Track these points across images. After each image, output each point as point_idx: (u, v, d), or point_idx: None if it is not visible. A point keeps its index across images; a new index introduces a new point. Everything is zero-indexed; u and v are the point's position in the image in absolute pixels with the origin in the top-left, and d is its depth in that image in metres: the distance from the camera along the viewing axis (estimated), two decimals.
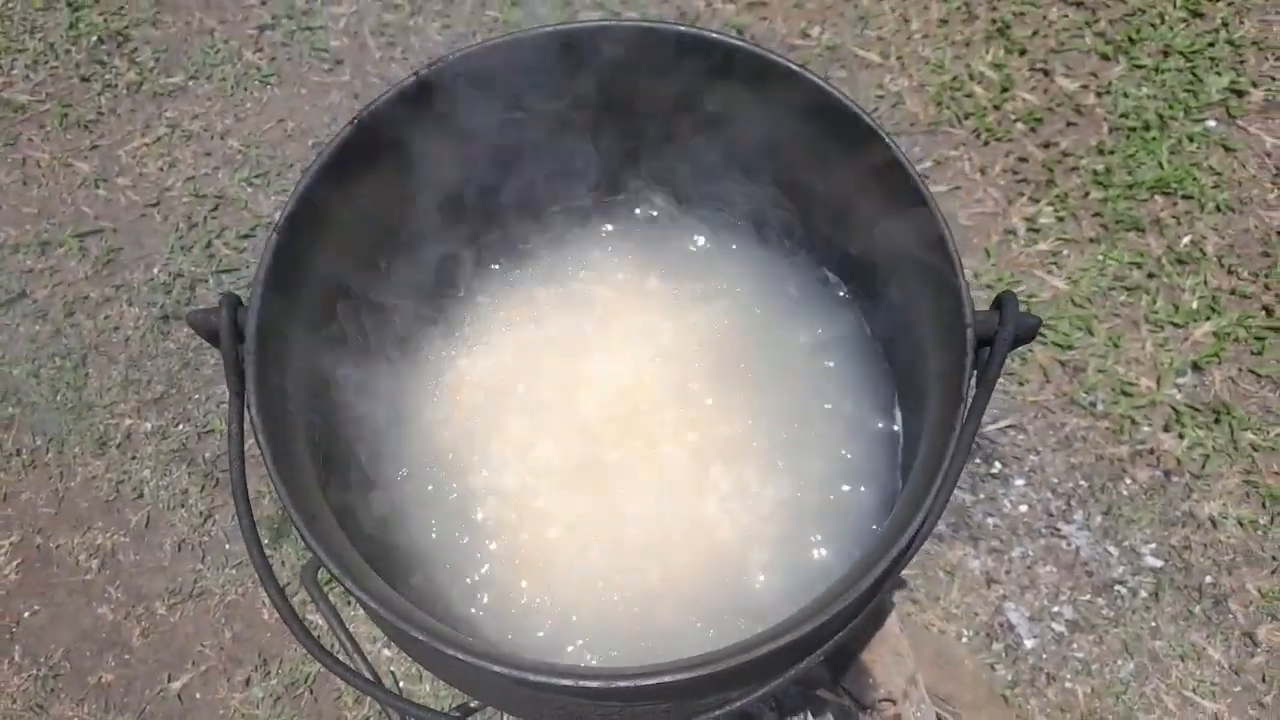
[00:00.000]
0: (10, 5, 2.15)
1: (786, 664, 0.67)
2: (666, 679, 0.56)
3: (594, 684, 0.56)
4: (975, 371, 0.67)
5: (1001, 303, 0.67)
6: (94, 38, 2.10)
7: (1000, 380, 1.68)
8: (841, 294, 0.85)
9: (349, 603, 1.49)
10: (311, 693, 1.54)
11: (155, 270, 1.85)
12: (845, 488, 0.79)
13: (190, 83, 2.03)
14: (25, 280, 1.86)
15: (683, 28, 0.75)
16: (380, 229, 0.76)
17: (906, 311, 0.74)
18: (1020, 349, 1.70)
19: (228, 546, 1.64)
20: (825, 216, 0.81)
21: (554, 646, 0.76)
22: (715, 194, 0.84)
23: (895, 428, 0.84)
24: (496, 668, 0.57)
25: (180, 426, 1.73)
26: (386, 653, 1.53)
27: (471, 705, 0.93)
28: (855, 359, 0.85)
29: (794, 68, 0.74)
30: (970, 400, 0.63)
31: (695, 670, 0.57)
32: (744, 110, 0.80)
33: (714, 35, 0.75)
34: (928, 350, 0.71)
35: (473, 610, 0.76)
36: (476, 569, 0.78)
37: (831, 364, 0.85)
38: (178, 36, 2.09)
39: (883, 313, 0.80)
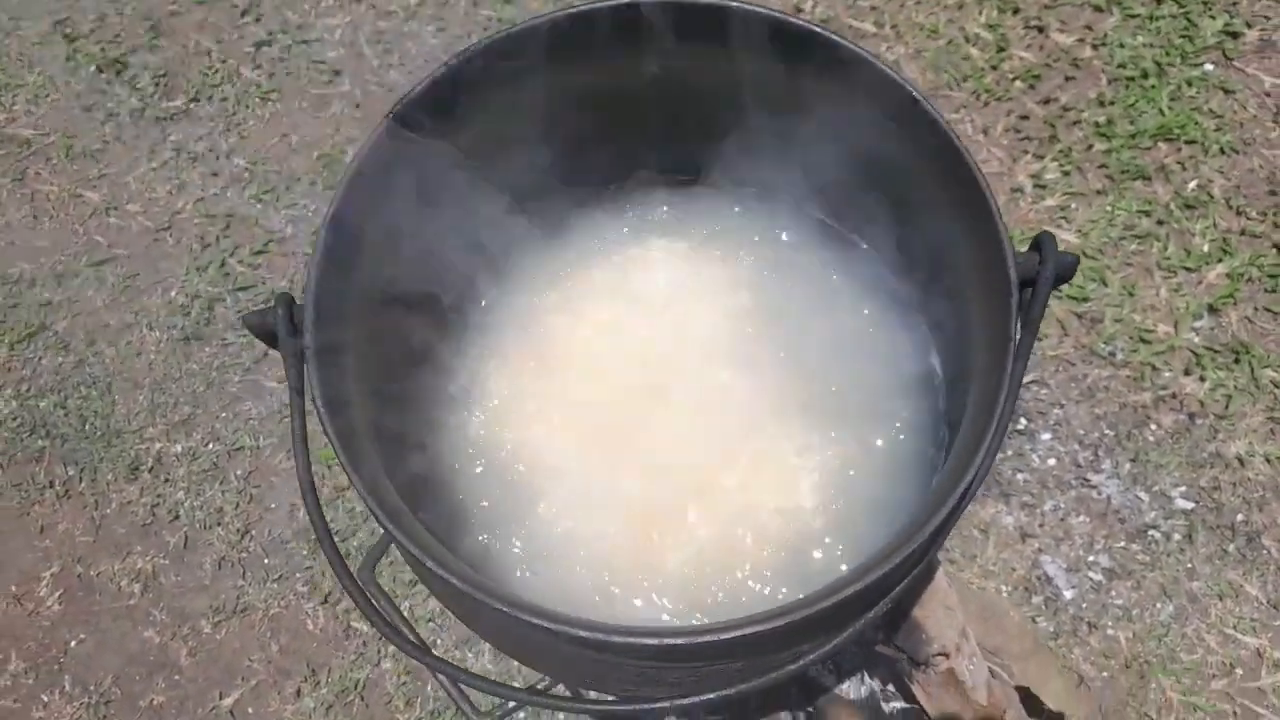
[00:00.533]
0: (7, 41, 2.16)
1: (857, 613, 0.68)
2: (748, 630, 0.57)
3: (679, 641, 0.57)
4: (1019, 313, 0.68)
5: (1040, 243, 0.69)
6: (92, 67, 2.11)
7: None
8: (875, 251, 0.86)
9: (407, 597, 1.51)
10: (363, 699, 1.55)
11: (173, 293, 1.86)
12: (894, 440, 0.81)
13: (192, 105, 2.04)
14: (44, 313, 1.88)
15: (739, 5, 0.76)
16: (426, 213, 0.78)
17: (944, 263, 0.75)
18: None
19: (267, 560, 1.66)
20: (861, 181, 0.82)
21: (615, 615, 0.77)
22: (755, 169, 0.86)
23: (936, 380, 0.85)
24: (581, 632, 0.58)
25: (210, 446, 1.74)
26: (439, 641, 1.55)
27: (539, 686, 0.95)
28: (892, 316, 0.86)
29: (841, 41, 0.75)
30: (1018, 340, 0.65)
31: (774, 621, 0.58)
32: (792, 88, 0.81)
33: (760, 11, 0.76)
34: (969, 297, 0.72)
35: (519, 575, 0.78)
36: (526, 539, 0.80)
37: (869, 323, 0.87)
38: (176, 60, 2.10)
39: (920, 268, 0.81)
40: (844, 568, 0.79)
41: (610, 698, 0.80)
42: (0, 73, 2.14)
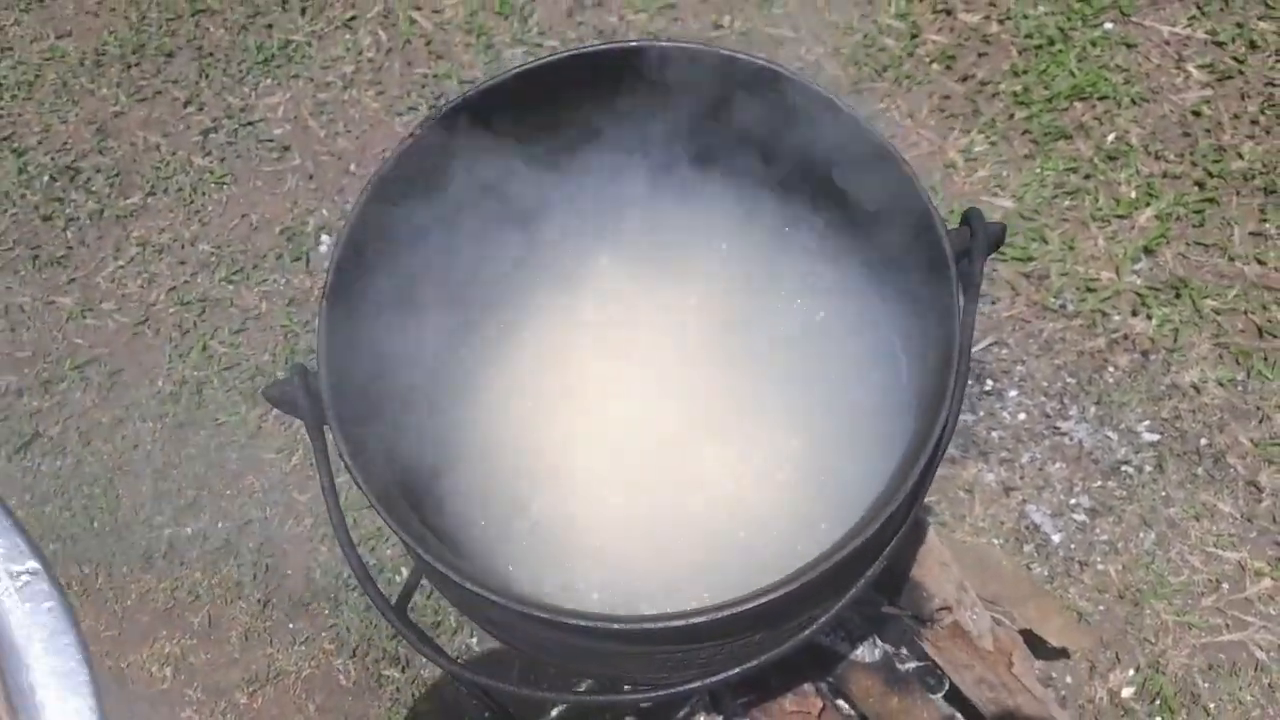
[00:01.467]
0: None
1: (856, 573, 0.75)
2: (763, 600, 0.64)
3: (703, 619, 0.64)
4: (960, 283, 0.76)
5: (968, 218, 0.76)
6: (45, 177, 2.16)
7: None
8: (827, 248, 0.94)
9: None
10: None
11: (160, 383, 1.91)
12: (868, 417, 0.88)
13: (149, 199, 2.09)
14: (36, 421, 1.91)
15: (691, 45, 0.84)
16: (424, 252, 0.84)
17: (889, 248, 0.83)
18: (986, 270, 1.80)
19: (291, 625, 1.70)
20: (805, 183, 0.90)
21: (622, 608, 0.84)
22: (713, 180, 0.93)
23: (899, 357, 0.93)
24: (616, 625, 0.64)
25: (219, 525, 1.79)
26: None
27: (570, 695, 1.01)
28: (847, 304, 0.93)
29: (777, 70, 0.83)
30: (962, 306, 0.72)
31: (783, 589, 0.65)
32: (741, 110, 0.89)
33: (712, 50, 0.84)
34: (914, 277, 0.80)
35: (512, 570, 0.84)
36: (528, 544, 0.86)
37: (823, 313, 0.94)
38: (126, 158, 2.15)
39: (868, 255, 0.88)
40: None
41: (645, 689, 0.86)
42: None
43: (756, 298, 0.92)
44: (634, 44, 0.84)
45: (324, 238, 2.01)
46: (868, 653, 1.13)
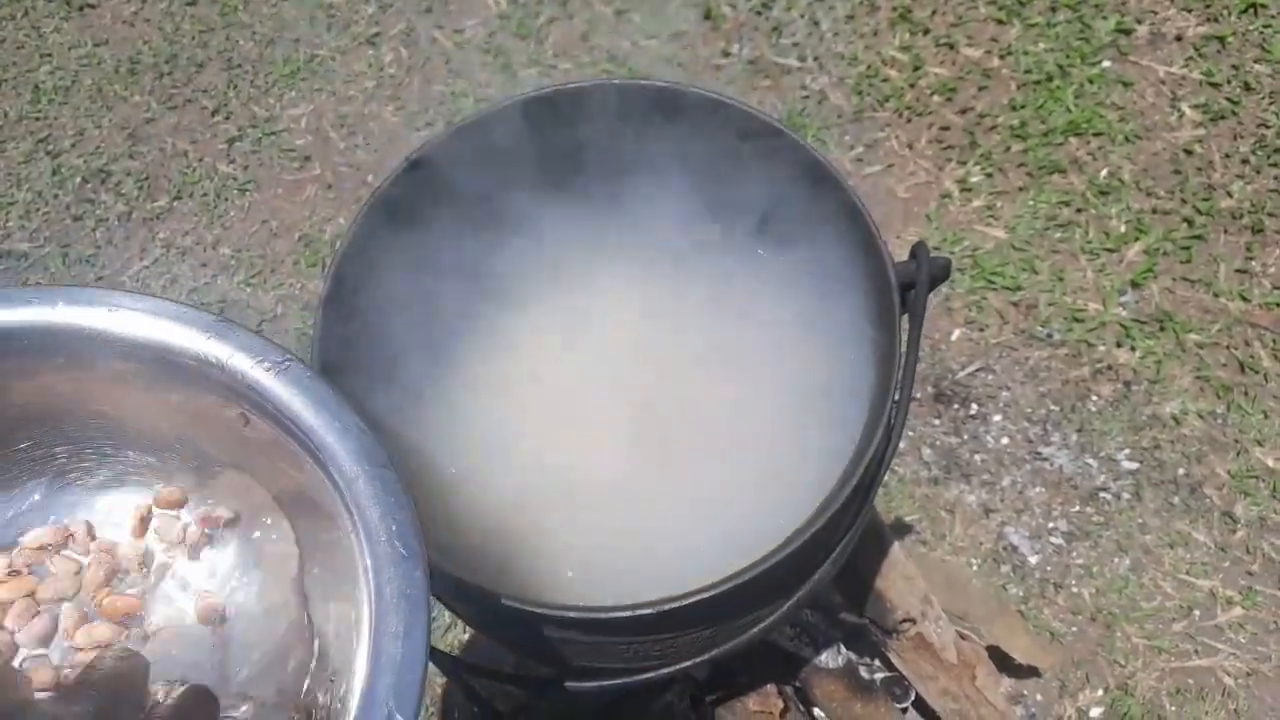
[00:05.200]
0: None
1: (803, 575, 0.81)
2: (704, 596, 0.70)
3: (650, 611, 0.70)
4: (906, 312, 0.82)
5: (915, 252, 0.82)
6: (78, 179, 2.25)
7: (962, 329, 1.85)
8: (777, 276, 0.99)
9: None
10: None
11: None
12: (827, 430, 0.94)
13: (175, 203, 2.18)
14: None
15: (653, 83, 0.90)
16: (413, 279, 0.91)
17: (839, 277, 0.89)
18: (975, 298, 1.86)
19: None
20: (771, 218, 0.96)
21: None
22: (682, 209, 1.00)
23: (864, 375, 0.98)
24: (572, 614, 0.71)
25: None
26: None
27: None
28: (812, 330, 0.99)
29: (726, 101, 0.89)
30: (906, 333, 0.78)
31: (727, 585, 0.71)
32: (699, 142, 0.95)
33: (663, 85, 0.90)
34: (867, 307, 0.86)
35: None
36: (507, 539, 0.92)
37: (798, 335, 1.00)
38: (155, 163, 2.24)
39: (818, 282, 0.94)
40: None
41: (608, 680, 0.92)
42: None
43: (709, 323, 0.99)
44: (588, 84, 0.90)
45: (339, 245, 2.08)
46: (831, 659, 1.18)
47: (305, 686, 0.61)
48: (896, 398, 0.78)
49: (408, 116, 2.21)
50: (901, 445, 1.77)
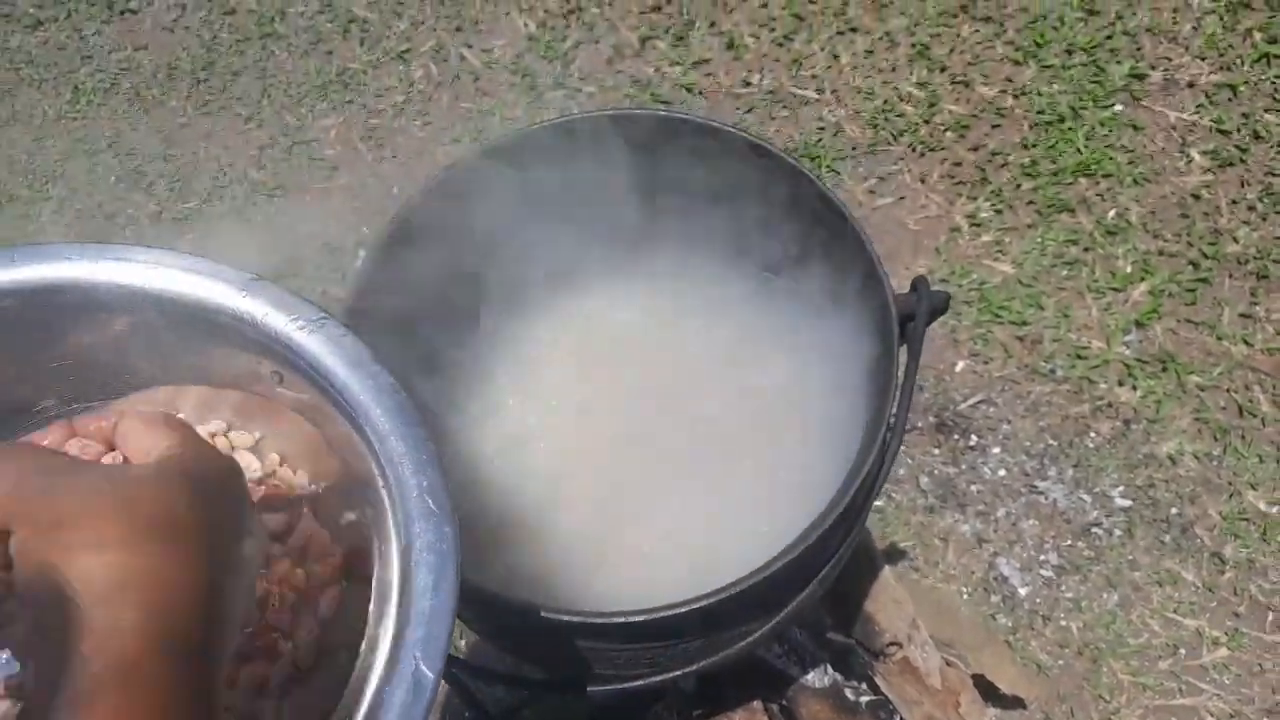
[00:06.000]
0: (32, 160, 2.37)
1: (790, 593, 0.85)
2: (695, 606, 0.74)
3: (639, 618, 0.74)
4: (904, 343, 0.87)
5: (916, 285, 0.87)
6: (112, 178, 2.32)
7: (966, 361, 1.88)
8: (794, 303, 1.04)
9: None
10: None
11: None
12: (826, 450, 0.98)
13: (205, 205, 2.25)
14: None
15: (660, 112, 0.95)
16: (437, 298, 0.96)
17: (849, 310, 0.93)
18: (980, 331, 1.90)
19: None
20: (777, 247, 1.01)
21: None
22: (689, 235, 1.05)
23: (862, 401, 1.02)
24: (567, 617, 0.75)
25: None
26: None
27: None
28: (821, 357, 1.04)
29: (736, 133, 0.94)
30: (904, 364, 0.83)
31: (716, 597, 0.75)
32: (714, 171, 1.00)
33: (678, 115, 0.95)
34: (867, 336, 0.90)
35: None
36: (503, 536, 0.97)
37: (804, 361, 1.05)
38: (187, 167, 2.31)
39: (829, 314, 0.99)
40: None
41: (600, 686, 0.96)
42: (27, 189, 2.35)
43: (711, 346, 1.03)
44: (610, 112, 0.95)
45: (361, 253, 2.15)
46: (818, 678, 1.22)
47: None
48: (891, 425, 0.82)
49: (435, 132, 2.27)
50: (900, 473, 1.80)
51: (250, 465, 0.67)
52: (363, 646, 0.55)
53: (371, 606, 0.56)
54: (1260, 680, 1.59)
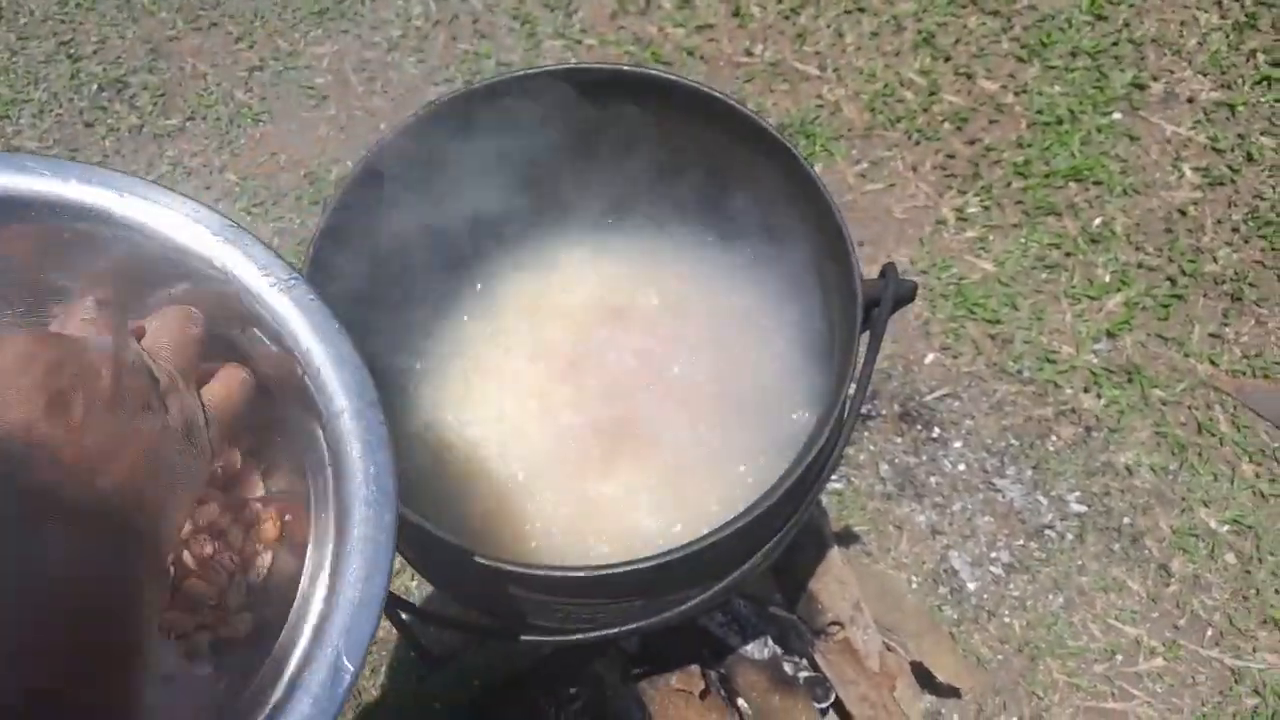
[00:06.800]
0: (14, 60, 2.31)
1: (732, 564, 0.85)
2: (635, 568, 0.74)
3: (582, 574, 0.74)
4: (868, 328, 0.86)
5: (885, 271, 0.86)
6: (95, 86, 2.27)
7: (936, 354, 1.89)
8: (762, 277, 1.03)
9: None
10: None
11: None
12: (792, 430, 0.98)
13: (188, 123, 2.21)
14: None
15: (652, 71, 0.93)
16: (395, 254, 0.94)
17: (816, 290, 0.93)
18: (953, 325, 1.90)
19: None
20: (751, 221, 1.00)
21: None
22: (656, 204, 1.03)
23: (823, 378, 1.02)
24: (502, 566, 0.75)
25: None
26: None
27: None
28: (783, 336, 1.03)
29: (726, 100, 0.93)
30: (865, 348, 0.82)
31: (656, 560, 0.75)
32: (687, 134, 0.98)
33: (659, 75, 0.93)
34: (831, 318, 0.90)
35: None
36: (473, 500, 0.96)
37: (765, 338, 1.04)
38: (173, 81, 2.26)
39: (796, 291, 0.98)
40: None
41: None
42: (8, 88, 2.29)
43: (675, 315, 1.02)
44: (596, 65, 0.93)
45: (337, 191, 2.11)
46: (758, 650, 1.23)
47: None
48: (846, 409, 0.82)
49: (428, 70, 2.23)
50: (860, 458, 1.81)
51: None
52: (287, 625, 0.54)
53: (302, 584, 0.54)
54: (1191, 692, 1.61)
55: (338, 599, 0.49)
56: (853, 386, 0.83)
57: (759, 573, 0.91)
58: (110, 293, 0.60)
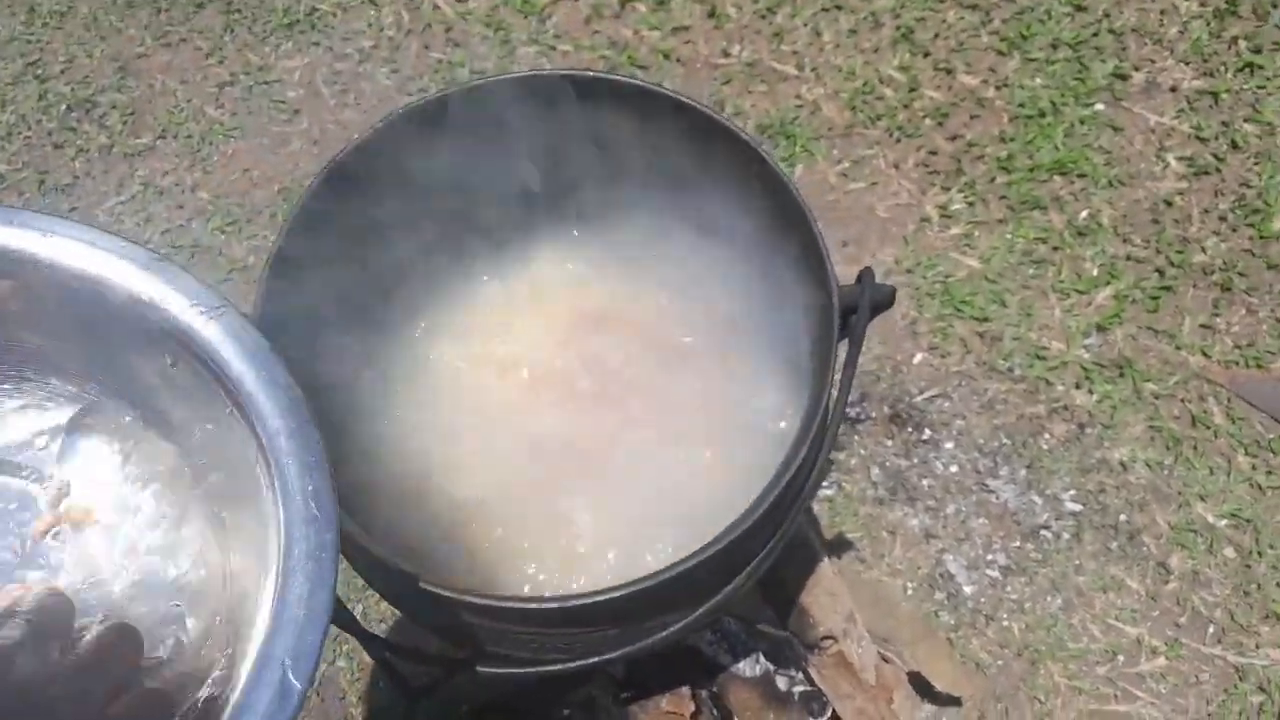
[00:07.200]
0: None
1: (714, 587, 0.82)
2: (606, 597, 0.71)
3: (552, 605, 0.71)
4: (845, 336, 0.83)
5: (861, 277, 0.83)
6: (63, 106, 2.23)
7: (924, 354, 1.86)
8: (736, 285, 1.00)
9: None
10: (319, 694, 1.66)
11: None
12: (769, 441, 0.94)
13: (159, 142, 2.17)
14: None
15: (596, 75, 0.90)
16: (353, 270, 0.91)
17: (791, 297, 0.89)
18: (941, 324, 1.87)
19: None
20: (727, 228, 0.96)
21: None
22: (628, 212, 1.00)
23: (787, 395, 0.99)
24: (477, 600, 0.71)
25: None
26: None
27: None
28: (758, 344, 1.00)
29: (688, 103, 0.89)
30: (843, 356, 0.79)
31: (628, 589, 0.71)
32: (652, 137, 0.95)
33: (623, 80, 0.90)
34: (808, 326, 0.86)
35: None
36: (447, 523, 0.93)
37: (742, 347, 1.01)
38: (143, 99, 2.22)
39: (770, 299, 0.95)
40: None
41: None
42: None
43: (646, 326, 0.99)
44: (560, 72, 0.90)
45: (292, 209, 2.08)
46: (749, 667, 1.20)
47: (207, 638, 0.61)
48: (826, 420, 0.79)
49: (401, 80, 2.19)
50: (851, 463, 1.78)
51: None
52: (233, 647, 0.54)
53: (245, 606, 0.55)
54: (1195, 691, 1.58)
55: (282, 618, 0.50)
56: (833, 393, 0.80)
57: (742, 594, 0.88)
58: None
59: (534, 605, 0.70)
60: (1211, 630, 1.63)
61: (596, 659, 0.83)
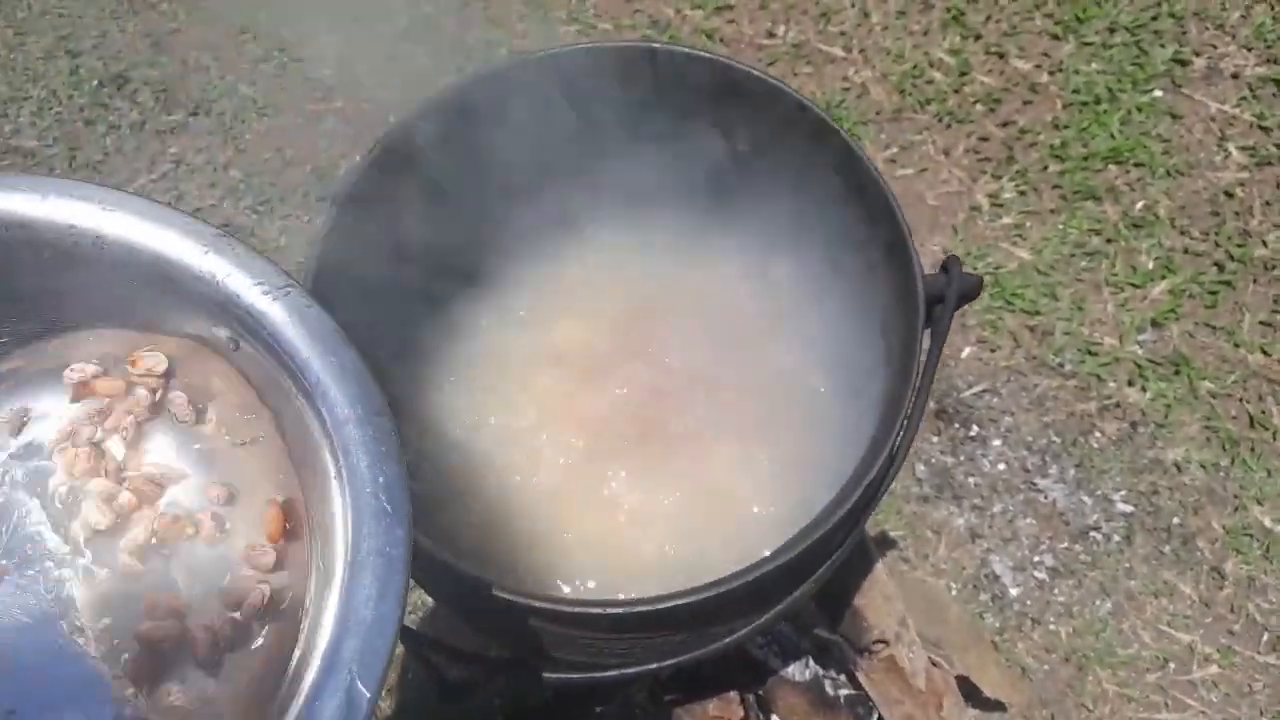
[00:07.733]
0: (12, 56, 2.25)
1: (782, 591, 0.78)
2: (677, 603, 0.67)
3: (619, 611, 0.67)
4: (930, 327, 0.78)
5: (947, 266, 0.78)
6: (95, 82, 2.20)
7: (973, 348, 1.80)
8: (812, 274, 0.95)
9: None
10: None
11: None
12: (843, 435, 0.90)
13: (191, 119, 2.13)
14: None
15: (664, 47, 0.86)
16: (405, 254, 0.87)
17: (869, 286, 0.85)
18: (990, 317, 1.82)
19: None
20: (791, 213, 0.92)
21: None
22: (686, 197, 0.95)
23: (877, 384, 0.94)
24: (540, 604, 0.67)
25: None
26: None
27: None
28: (833, 335, 0.95)
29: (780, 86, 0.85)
30: (926, 350, 0.74)
31: (700, 595, 0.67)
32: (722, 119, 0.91)
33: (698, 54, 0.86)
34: (887, 317, 0.82)
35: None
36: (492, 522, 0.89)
37: (808, 335, 0.96)
38: (175, 75, 2.19)
39: (846, 289, 0.90)
40: None
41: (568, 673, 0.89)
42: (6, 85, 2.23)
43: (718, 320, 0.95)
44: (637, 44, 0.85)
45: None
46: (798, 671, 1.15)
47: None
48: (908, 417, 0.74)
49: (438, 60, 2.15)
50: None
51: None
52: (297, 648, 0.50)
53: (309, 606, 0.50)
54: (1249, 701, 1.53)
55: (350, 620, 0.46)
56: (914, 393, 0.76)
57: (809, 598, 0.84)
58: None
59: (607, 610, 0.66)
60: (1266, 638, 1.57)
61: (658, 664, 0.79)
